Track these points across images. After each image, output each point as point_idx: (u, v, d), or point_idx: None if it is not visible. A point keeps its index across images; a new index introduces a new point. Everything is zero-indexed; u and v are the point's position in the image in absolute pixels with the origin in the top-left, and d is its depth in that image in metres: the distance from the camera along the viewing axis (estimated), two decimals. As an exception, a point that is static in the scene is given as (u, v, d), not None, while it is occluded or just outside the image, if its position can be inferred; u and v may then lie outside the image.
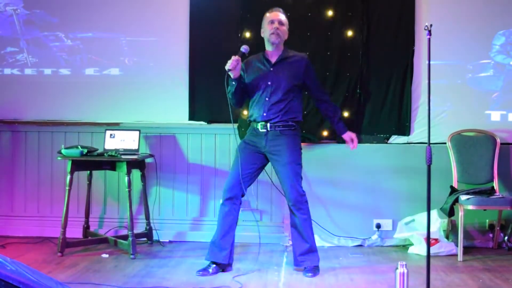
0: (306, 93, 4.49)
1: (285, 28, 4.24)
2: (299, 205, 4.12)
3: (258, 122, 4.17)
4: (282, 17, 4.24)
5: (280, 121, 4.13)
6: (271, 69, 4.19)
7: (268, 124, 4.14)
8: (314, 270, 4.12)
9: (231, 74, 4.04)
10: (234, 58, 4.02)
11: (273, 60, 4.22)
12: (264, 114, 4.14)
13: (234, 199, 4.12)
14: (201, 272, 4.09)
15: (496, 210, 4.78)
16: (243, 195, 4.19)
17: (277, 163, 4.15)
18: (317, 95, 4.33)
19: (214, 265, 4.13)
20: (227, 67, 4.01)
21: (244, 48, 4.15)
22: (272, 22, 4.19)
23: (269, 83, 4.14)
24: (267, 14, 4.27)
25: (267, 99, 4.14)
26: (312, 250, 4.17)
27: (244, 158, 4.16)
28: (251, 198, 5.09)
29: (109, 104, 5.25)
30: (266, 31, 4.24)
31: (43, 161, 5.30)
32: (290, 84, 4.15)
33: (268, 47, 4.26)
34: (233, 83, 4.10)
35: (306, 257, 4.16)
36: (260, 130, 4.16)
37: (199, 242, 5.07)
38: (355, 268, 4.33)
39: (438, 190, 4.75)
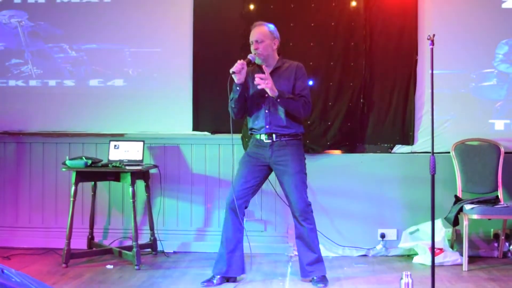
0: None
1: (266, 42, 4.09)
2: (306, 215, 4.10)
3: (262, 133, 4.15)
4: (260, 33, 4.10)
5: (284, 133, 4.10)
6: None
7: (274, 135, 4.12)
8: (324, 280, 4.10)
9: (235, 78, 4.00)
10: (239, 61, 3.99)
11: (268, 71, 4.16)
12: (267, 127, 4.12)
13: (238, 211, 4.09)
14: (205, 283, 4.08)
15: (501, 219, 4.77)
16: (246, 207, 4.18)
17: (283, 173, 4.11)
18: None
19: (219, 276, 4.12)
20: (231, 70, 3.96)
21: (251, 56, 4.10)
22: (251, 42, 4.13)
23: (266, 95, 4.09)
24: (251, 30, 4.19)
25: (266, 111, 4.11)
26: (319, 260, 4.15)
27: (247, 171, 4.15)
28: (255, 209, 5.09)
29: (113, 115, 5.27)
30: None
31: (48, 172, 5.32)
32: (286, 91, 4.07)
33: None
34: (237, 88, 4.05)
35: (314, 268, 4.13)
36: (265, 141, 4.13)
37: (203, 252, 5.08)
38: (359, 278, 4.32)
39: (442, 199, 4.78)
